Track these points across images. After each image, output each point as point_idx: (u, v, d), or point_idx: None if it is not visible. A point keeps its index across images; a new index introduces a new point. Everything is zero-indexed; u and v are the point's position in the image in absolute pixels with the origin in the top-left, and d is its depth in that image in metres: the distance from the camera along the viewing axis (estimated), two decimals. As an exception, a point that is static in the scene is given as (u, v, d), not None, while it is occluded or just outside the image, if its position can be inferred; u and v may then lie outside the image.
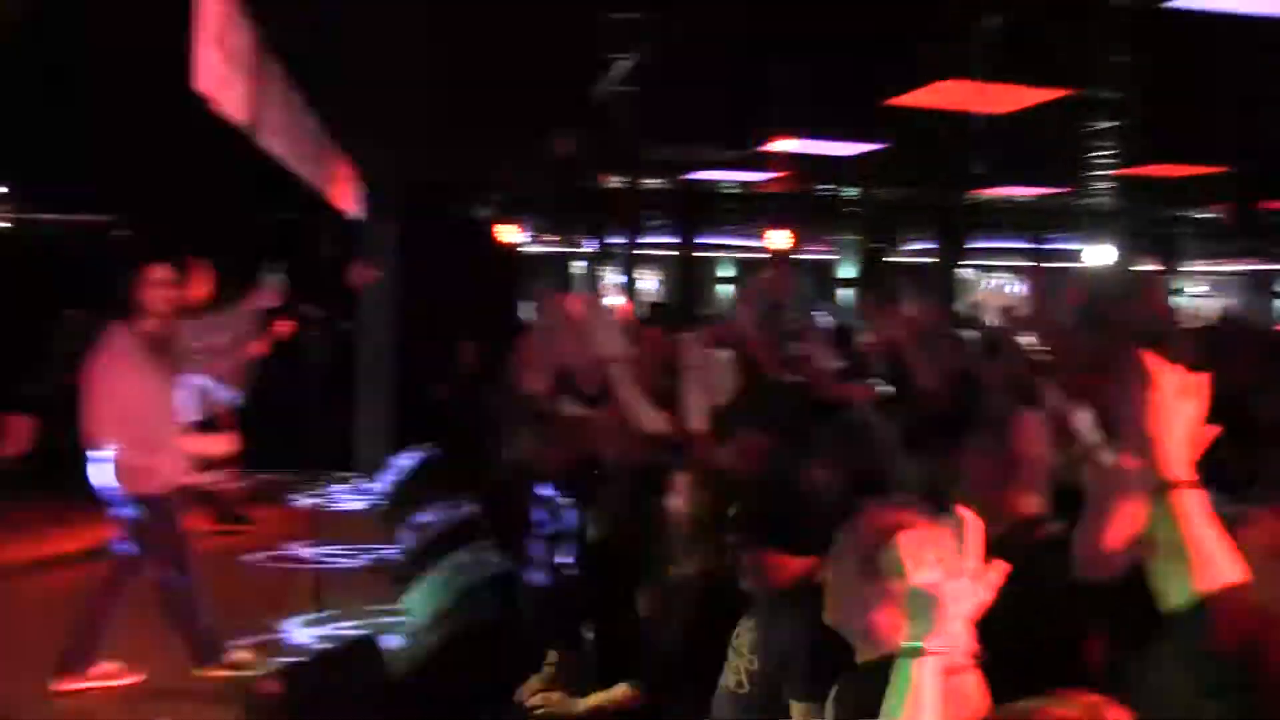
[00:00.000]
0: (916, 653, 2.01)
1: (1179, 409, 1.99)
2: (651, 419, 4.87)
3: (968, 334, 8.02)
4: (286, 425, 8.44)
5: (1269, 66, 5.82)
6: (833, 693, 2.55)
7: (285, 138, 5.64)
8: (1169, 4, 4.59)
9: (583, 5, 4.84)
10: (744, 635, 3.21)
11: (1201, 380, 2.00)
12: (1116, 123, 7.85)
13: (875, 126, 7.93)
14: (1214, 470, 2.52)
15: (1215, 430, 2.03)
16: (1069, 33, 5.15)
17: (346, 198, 8.62)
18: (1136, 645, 2.36)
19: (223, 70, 4.18)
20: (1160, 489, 1.97)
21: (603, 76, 6.18)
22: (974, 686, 2.16)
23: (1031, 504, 3.09)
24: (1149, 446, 2.00)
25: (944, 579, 2.06)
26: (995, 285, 32.34)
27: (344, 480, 9.17)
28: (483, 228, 12.56)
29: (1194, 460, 1.98)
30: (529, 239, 13.43)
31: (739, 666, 3.15)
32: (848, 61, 5.87)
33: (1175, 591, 1.92)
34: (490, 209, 12.35)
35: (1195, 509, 1.94)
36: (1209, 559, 1.91)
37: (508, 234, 12.25)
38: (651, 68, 5.95)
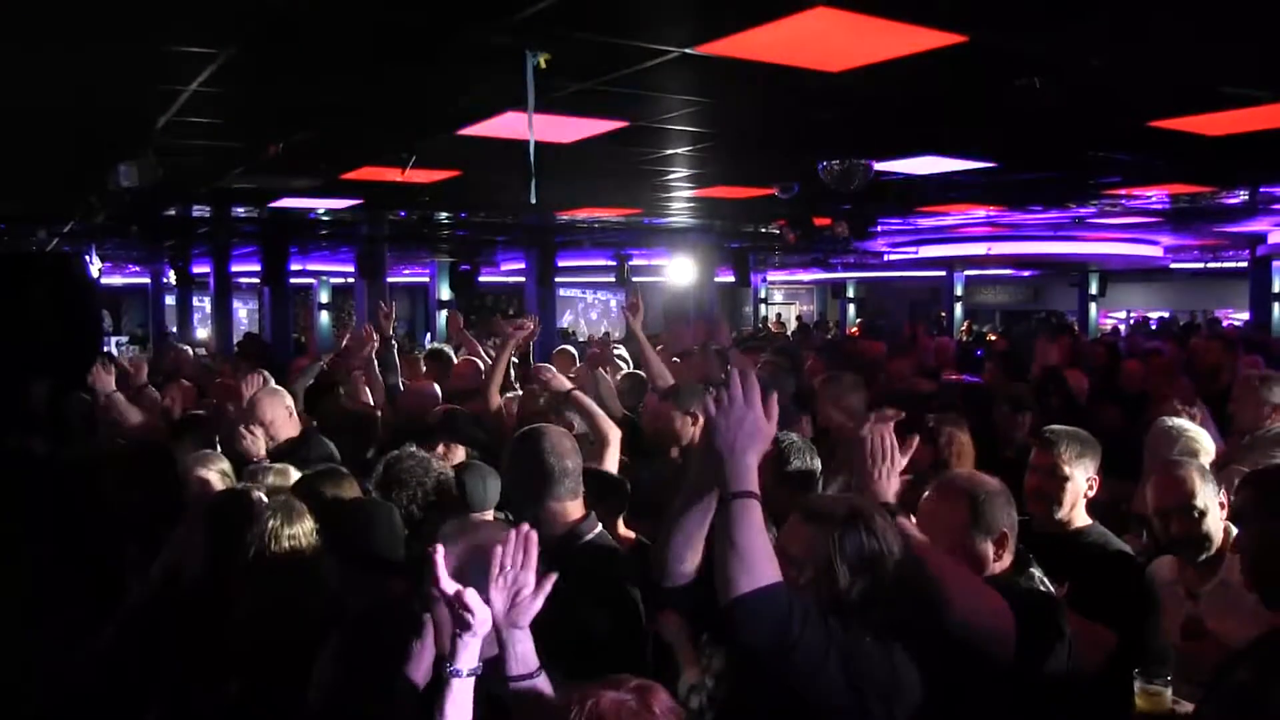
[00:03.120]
0: (454, 675, 2.35)
1: (742, 428, 2.36)
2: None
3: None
4: None
5: (813, 104, 6.49)
6: None
7: None
8: (694, 50, 5.15)
9: (146, 36, 4.81)
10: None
11: (756, 402, 2.37)
12: (680, 150, 8.48)
13: (451, 156, 8.30)
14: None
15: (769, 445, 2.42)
16: (616, 69, 5.61)
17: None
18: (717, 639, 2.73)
19: None
20: (723, 499, 2.33)
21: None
22: (545, 688, 2.46)
23: (578, 509, 3.49)
24: (719, 461, 2.36)
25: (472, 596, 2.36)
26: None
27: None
28: (50, 260, 11.82)
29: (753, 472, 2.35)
30: (107, 269, 12.70)
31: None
32: (418, 94, 6.11)
33: (723, 590, 2.27)
34: (62, 241, 11.67)
35: (748, 517, 2.30)
36: (753, 563, 2.28)
37: (81, 266, 11.61)
38: (224, 96, 5.96)
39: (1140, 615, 3.63)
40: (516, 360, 7.86)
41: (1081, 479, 3.80)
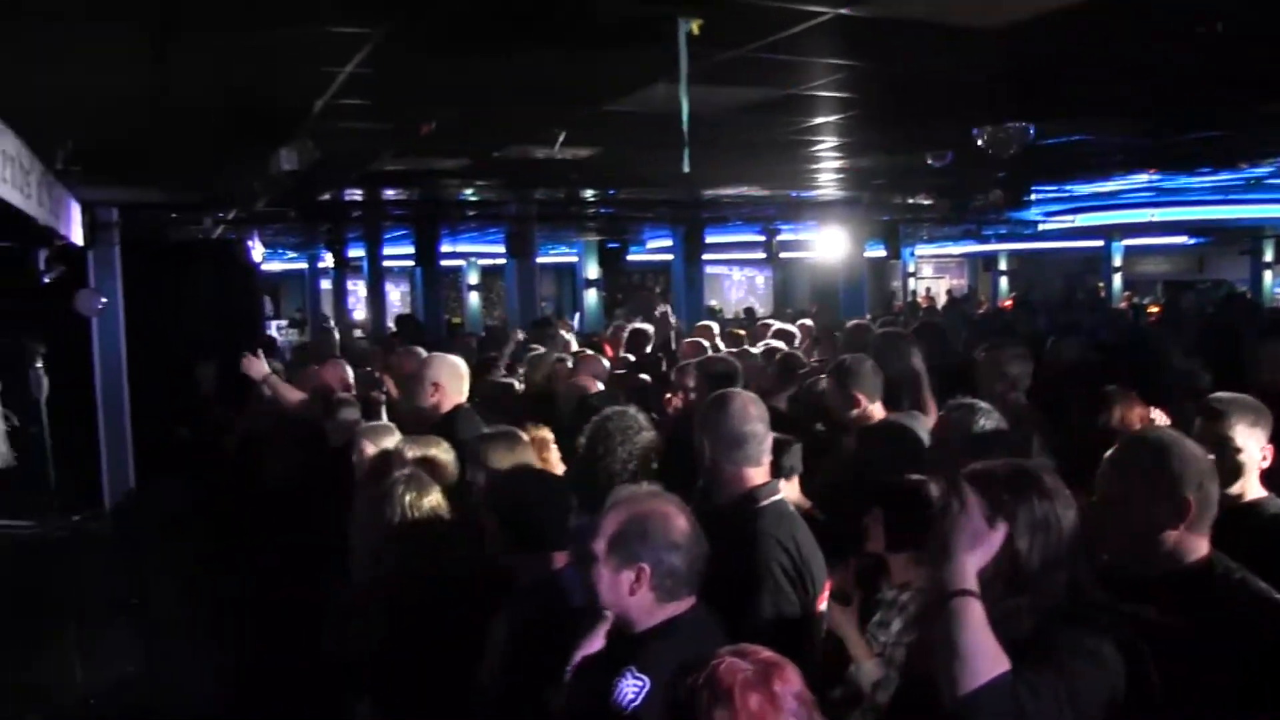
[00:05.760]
0: None
1: (964, 532, 2.32)
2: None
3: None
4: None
5: (970, 65, 6.27)
6: None
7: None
8: (848, 10, 4.99)
9: (301, 18, 4.89)
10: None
11: (977, 513, 2.34)
12: (833, 118, 8.29)
13: (598, 131, 8.28)
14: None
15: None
16: (768, 35, 5.49)
17: (68, 224, 8.30)
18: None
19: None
20: (945, 596, 2.27)
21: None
22: None
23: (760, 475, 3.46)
24: (943, 558, 2.31)
25: None
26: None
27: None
28: (215, 247, 12.25)
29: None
30: (266, 256, 13.13)
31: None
32: (568, 69, 6.10)
33: (946, 687, 2.22)
34: (223, 227, 12.07)
35: (968, 615, 2.24)
36: (976, 662, 2.21)
37: (244, 252, 12.00)
38: (378, 80, 6.03)
39: None
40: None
41: (1255, 449, 3.60)
